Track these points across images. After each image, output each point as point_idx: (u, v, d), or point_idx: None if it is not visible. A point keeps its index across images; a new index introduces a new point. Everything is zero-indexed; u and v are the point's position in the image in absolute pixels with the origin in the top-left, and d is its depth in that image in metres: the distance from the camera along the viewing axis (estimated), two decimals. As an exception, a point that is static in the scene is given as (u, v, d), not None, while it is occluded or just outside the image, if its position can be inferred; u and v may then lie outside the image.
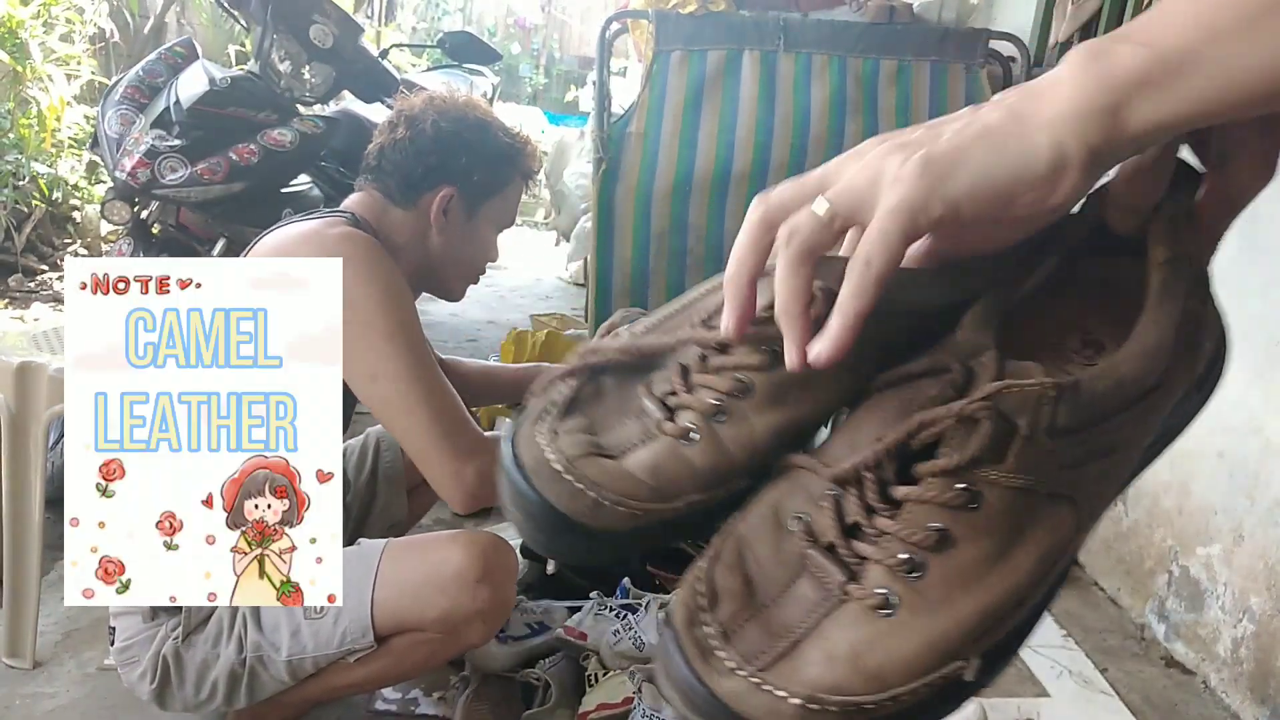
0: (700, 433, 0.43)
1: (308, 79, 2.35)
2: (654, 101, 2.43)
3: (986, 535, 0.38)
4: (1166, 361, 0.42)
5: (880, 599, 0.38)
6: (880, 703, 0.36)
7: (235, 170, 2.11)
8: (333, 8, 2.39)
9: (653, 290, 2.53)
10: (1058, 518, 0.40)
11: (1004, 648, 0.39)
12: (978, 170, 0.36)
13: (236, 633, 1.24)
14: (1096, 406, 0.39)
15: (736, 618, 0.39)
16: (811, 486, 0.41)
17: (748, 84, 2.42)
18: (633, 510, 0.41)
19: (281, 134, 2.19)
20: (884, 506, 0.39)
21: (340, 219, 1.31)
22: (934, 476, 0.39)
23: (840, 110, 2.43)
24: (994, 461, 0.38)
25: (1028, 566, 0.39)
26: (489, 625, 1.26)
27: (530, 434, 0.44)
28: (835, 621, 0.38)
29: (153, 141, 2.07)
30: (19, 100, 3.81)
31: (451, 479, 1.19)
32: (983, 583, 0.38)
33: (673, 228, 2.48)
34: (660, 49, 2.42)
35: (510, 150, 1.45)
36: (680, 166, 2.45)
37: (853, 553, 0.39)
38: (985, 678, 0.38)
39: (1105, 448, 0.40)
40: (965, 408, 0.38)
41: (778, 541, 0.41)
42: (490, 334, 3.88)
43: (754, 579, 0.40)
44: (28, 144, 3.73)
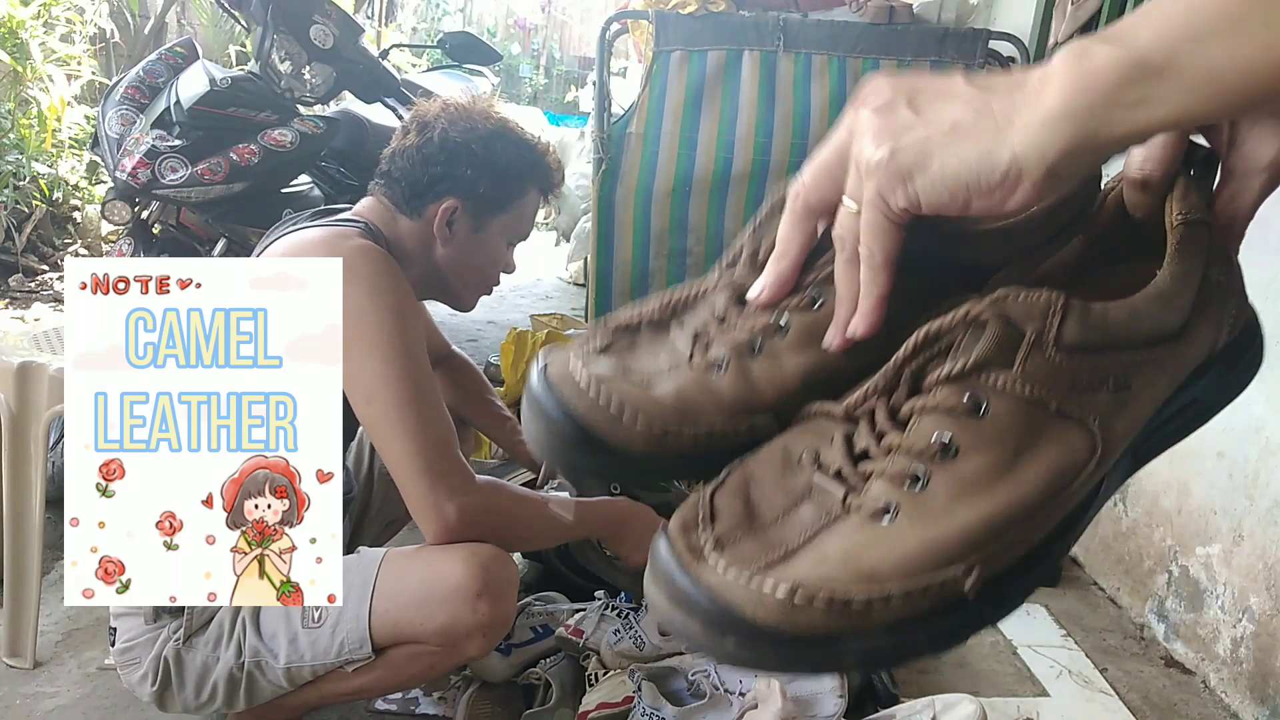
0: (730, 364, 0.43)
1: (308, 79, 2.35)
2: (654, 102, 2.43)
3: (993, 445, 0.38)
4: (1184, 315, 0.41)
5: (880, 507, 0.37)
6: (870, 600, 0.35)
7: (235, 170, 2.11)
8: (333, 8, 2.39)
9: (653, 290, 2.52)
10: (1069, 439, 0.39)
11: (1013, 577, 0.38)
12: (936, 171, 0.36)
13: (236, 637, 1.23)
14: (1108, 331, 0.39)
15: (732, 532, 0.38)
16: (825, 427, 0.41)
17: (747, 84, 2.42)
18: (651, 427, 0.41)
19: (282, 134, 2.19)
20: (892, 426, 0.39)
21: (355, 229, 1.28)
22: (940, 385, 0.39)
23: (840, 110, 2.42)
24: (1002, 366, 0.38)
25: (1035, 482, 0.38)
26: (489, 639, 1.23)
27: (563, 357, 0.44)
28: (832, 531, 0.38)
29: (153, 142, 2.07)
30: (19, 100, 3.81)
31: (431, 512, 1.17)
32: (987, 492, 0.37)
33: (673, 228, 2.49)
34: (660, 49, 2.42)
35: (524, 164, 1.40)
36: (680, 167, 2.45)
37: (857, 473, 0.39)
38: (990, 608, 0.37)
39: (1119, 380, 0.40)
40: (971, 309, 0.38)
41: (785, 474, 0.41)
42: (490, 334, 3.88)
43: (755, 504, 0.40)
44: (28, 144, 3.74)
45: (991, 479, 0.38)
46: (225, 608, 1.25)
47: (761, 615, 0.35)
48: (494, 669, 1.51)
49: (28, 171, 3.68)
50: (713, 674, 1.41)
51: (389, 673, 1.24)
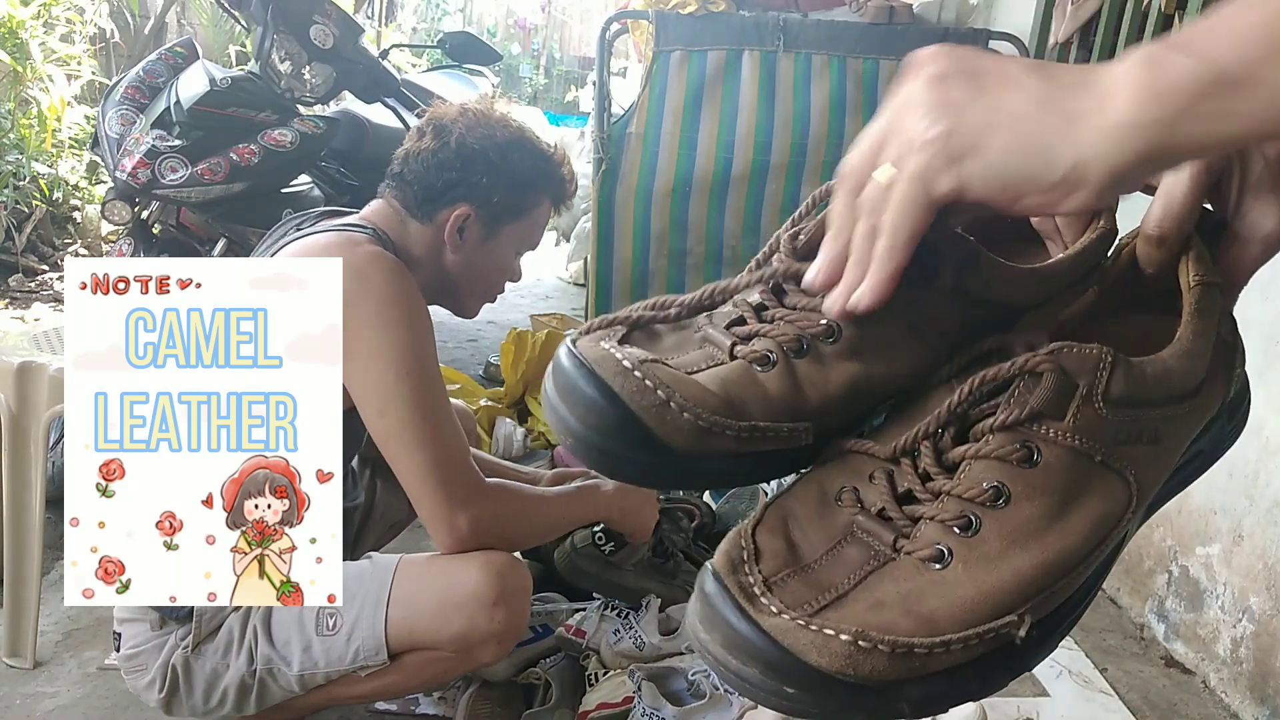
0: (779, 362, 0.41)
1: (308, 79, 2.35)
2: (654, 102, 2.43)
3: (1044, 494, 0.38)
4: (1204, 371, 0.42)
5: (934, 553, 0.37)
6: (931, 647, 0.35)
7: (235, 170, 2.11)
8: (333, 8, 2.39)
9: (653, 290, 2.53)
10: (1112, 489, 0.39)
11: (1054, 622, 0.38)
12: (993, 159, 0.35)
13: (247, 644, 1.23)
14: (1146, 386, 0.40)
15: (779, 572, 0.38)
16: (862, 466, 0.41)
17: (747, 84, 2.42)
18: (698, 419, 0.39)
19: (282, 134, 2.19)
20: (940, 471, 0.39)
21: (364, 235, 1.26)
22: (993, 433, 0.39)
23: (840, 110, 2.43)
24: (1054, 418, 0.38)
25: (1083, 531, 0.38)
26: (503, 646, 1.23)
27: (593, 340, 0.41)
28: (884, 575, 0.37)
29: (153, 142, 2.07)
30: (19, 100, 3.81)
31: (444, 524, 1.18)
32: (1039, 540, 0.38)
33: (673, 228, 2.49)
34: (660, 49, 2.42)
35: (539, 174, 1.38)
36: (680, 167, 2.45)
37: (905, 515, 0.38)
38: (1034, 652, 0.37)
39: (1152, 434, 0.41)
40: (1030, 360, 0.38)
41: (823, 513, 0.40)
42: (490, 334, 3.88)
43: (797, 543, 0.39)
44: (28, 144, 3.74)
45: (1042, 527, 0.38)
46: (234, 615, 1.25)
47: (826, 661, 0.35)
48: (494, 667, 1.51)
49: (28, 171, 3.68)
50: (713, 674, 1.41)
51: (402, 677, 1.24)
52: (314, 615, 1.23)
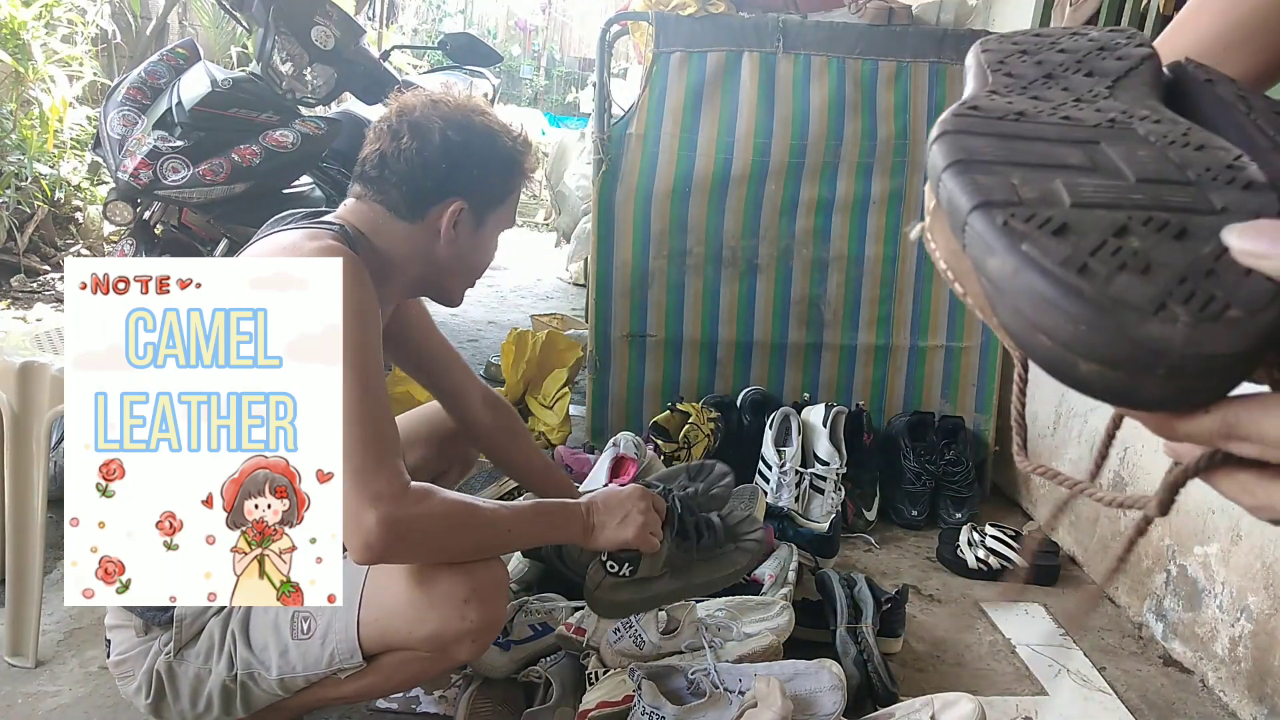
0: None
1: (309, 80, 2.36)
2: (654, 103, 2.44)
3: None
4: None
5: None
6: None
7: (237, 171, 2.11)
8: (334, 9, 2.39)
9: (653, 290, 2.53)
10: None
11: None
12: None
13: (227, 649, 1.23)
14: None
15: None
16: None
17: (747, 85, 2.42)
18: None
19: (283, 135, 2.20)
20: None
21: (328, 231, 1.25)
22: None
23: (839, 111, 2.44)
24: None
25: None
26: (478, 644, 1.22)
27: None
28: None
29: (155, 143, 2.08)
30: (21, 101, 3.82)
31: (350, 520, 1.04)
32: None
33: (673, 228, 2.49)
34: (660, 51, 2.43)
35: (515, 155, 1.38)
36: (680, 167, 2.46)
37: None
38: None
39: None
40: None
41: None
42: (491, 334, 3.89)
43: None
44: (30, 145, 3.74)
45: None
46: (215, 620, 1.25)
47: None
48: (494, 664, 1.52)
49: (30, 172, 3.69)
50: (713, 672, 1.42)
51: (381, 678, 1.24)
52: (289, 619, 1.22)
